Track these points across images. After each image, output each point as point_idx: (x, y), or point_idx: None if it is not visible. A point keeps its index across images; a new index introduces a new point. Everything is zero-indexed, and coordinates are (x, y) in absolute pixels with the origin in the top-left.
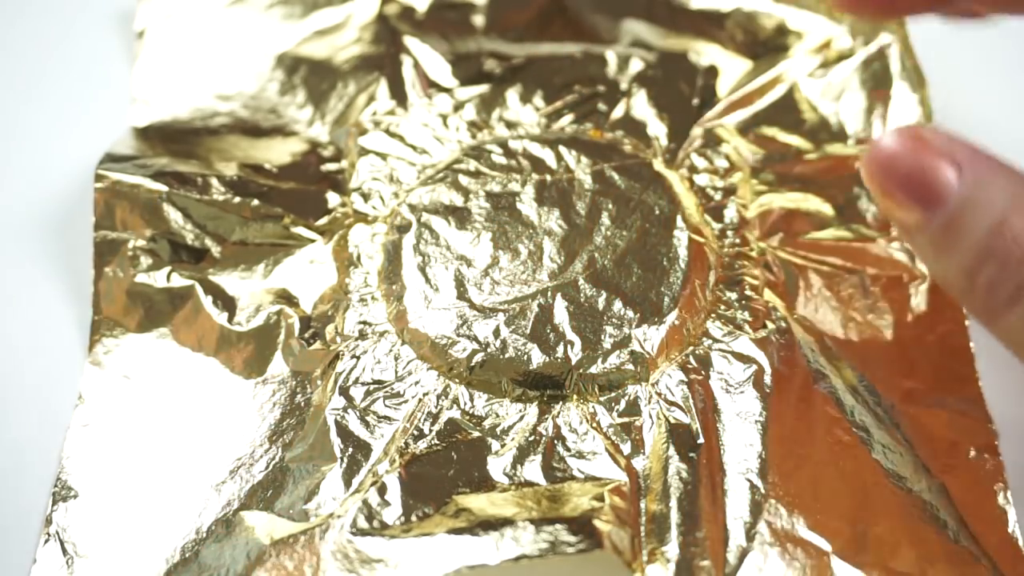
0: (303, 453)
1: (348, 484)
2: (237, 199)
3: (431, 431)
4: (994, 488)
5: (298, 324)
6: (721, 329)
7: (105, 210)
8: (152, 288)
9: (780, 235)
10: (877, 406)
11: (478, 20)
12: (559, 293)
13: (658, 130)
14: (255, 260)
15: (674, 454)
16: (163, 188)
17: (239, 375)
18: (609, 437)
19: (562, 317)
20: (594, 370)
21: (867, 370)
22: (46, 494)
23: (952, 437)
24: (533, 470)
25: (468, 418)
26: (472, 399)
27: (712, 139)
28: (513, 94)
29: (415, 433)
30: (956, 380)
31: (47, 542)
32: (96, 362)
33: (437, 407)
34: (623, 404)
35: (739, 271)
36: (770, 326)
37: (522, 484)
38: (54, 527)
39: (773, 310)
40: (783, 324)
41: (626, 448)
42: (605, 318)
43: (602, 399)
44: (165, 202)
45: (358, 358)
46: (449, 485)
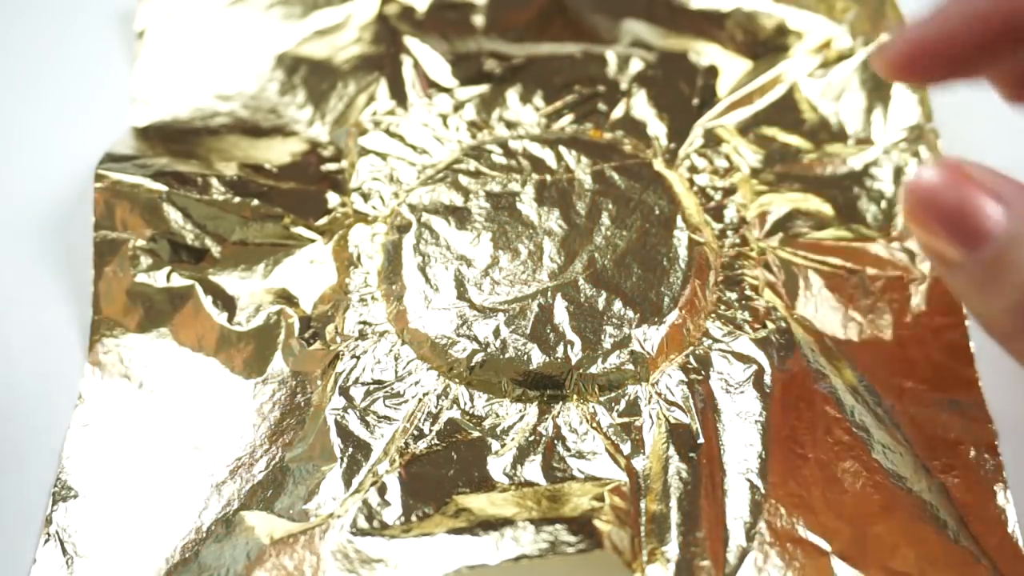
0: (303, 453)
1: (348, 484)
2: (237, 199)
3: (431, 431)
4: (994, 488)
5: (298, 324)
6: (721, 329)
7: (105, 210)
8: (152, 288)
9: (780, 235)
10: (877, 406)
11: (478, 20)
12: (559, 293)
13: (658, 130)
14: (255, 260)
15: (674, 454)
16: (163, 188)
17: (239, 375)
18: (609, 437)
19: (562, 317)
20: (594, 370)
21: (867, 370)
22: (46, 494)
23: (952, 437)
24: (533, 470)
25: (468, 418)
26: (472, 399)
27: (712, 139)
28: (513, 94)
29: (415, 433)
30: (956, 380)
31: (47, 542)
32: (96, 362)
33: (437, 407)
34: (623, 404)
35: (739, 271)
36: (770, 326)
37: (522, 484)
38: (54, 527)
39: (773, 310)
40: (783, 324)
41: (626, 448)
42: (605, 318)
43: (602, 399)
44: (165, 202)
45: (358, 358)
46: (449, 485)
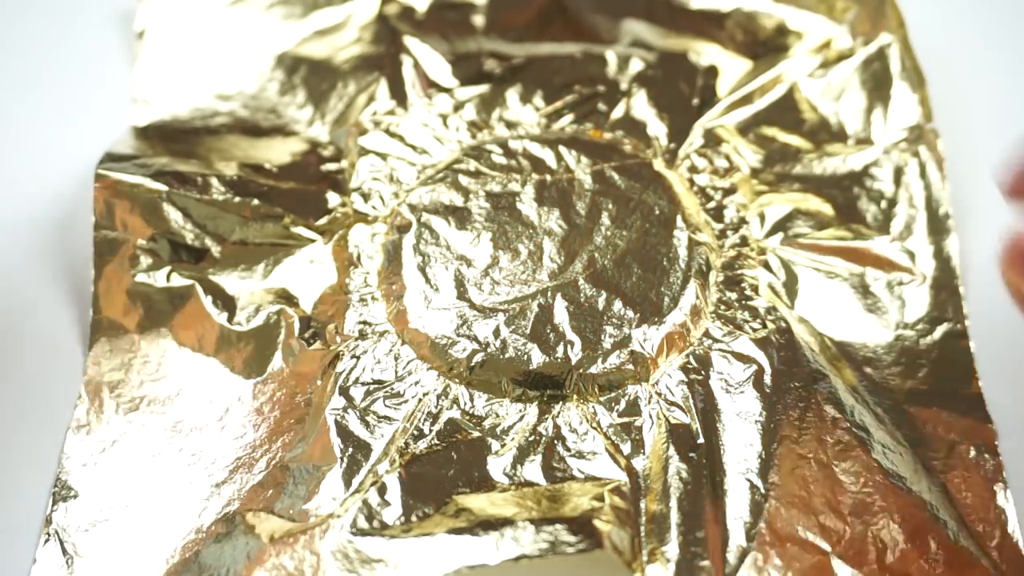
0: (303, 453)
1: (348, 484)
2: (237, 199)
3: (431, 431)
4: (994, 488)
5: (298, 324)
6: (721, 329)
7: (105, 210)
8: (152, 288)
9: (780, 235)
10: (877, 406)
11: (478, 20)
12: (559, 293)
13: (658, 130)
14: (255, 260)
15: (674, 454)
16: (163, 188)
17: (239, 375)
18: (609, 437)
19: (562, 317)
20: (594, 370)
21: (867, 370)
22: (46, 494)
23: (952, 437)
24: (533, 470)
25: (468, 418)
26: (472, 399)
27: (712, 139)
28: (513, 94)
29: (415, 433)
30: (956, 380)
31: (47, 542)
32: (96, 362)
33: (437, 407)
34: (623, 404)
35: (739, 271)
36: (770, 326)
37: (522, 484)
38: (54, 527)
39: (773, 310)
40: (783, 324)
41: (626, 448)
42: (605, 318)
43: (602, 399)
44: (165, 202)
45: (358, 358)
46: (449, 485)
